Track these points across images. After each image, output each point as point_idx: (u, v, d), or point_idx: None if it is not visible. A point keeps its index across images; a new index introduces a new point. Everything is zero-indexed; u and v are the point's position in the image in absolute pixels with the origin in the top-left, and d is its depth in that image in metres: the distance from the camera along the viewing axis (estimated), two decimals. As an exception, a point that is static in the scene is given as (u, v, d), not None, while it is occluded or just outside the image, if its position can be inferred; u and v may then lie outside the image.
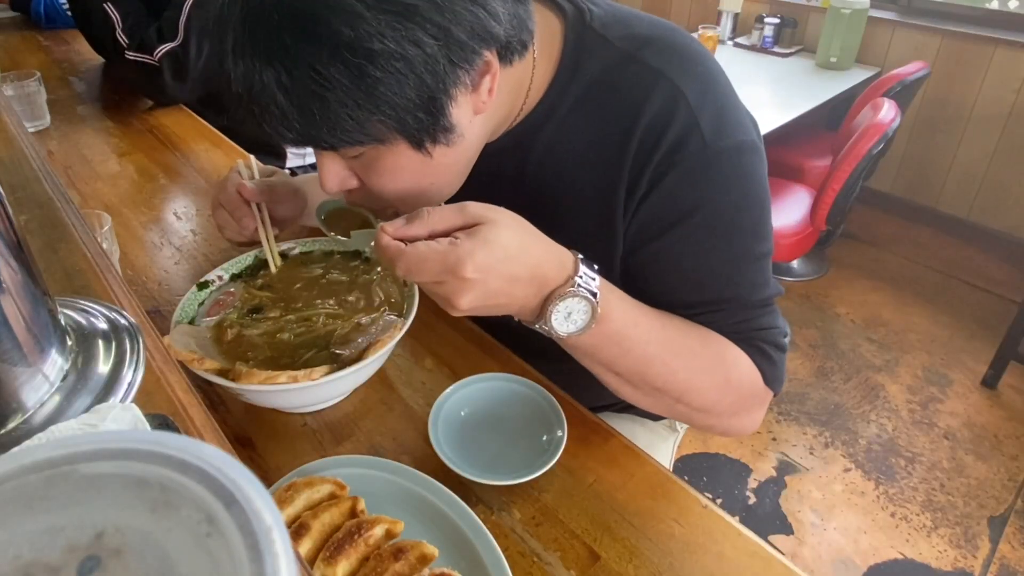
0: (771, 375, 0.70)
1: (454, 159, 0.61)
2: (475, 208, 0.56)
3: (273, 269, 0.83)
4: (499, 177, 0.72)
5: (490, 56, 0.56)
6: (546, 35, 0.67)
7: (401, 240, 0.55)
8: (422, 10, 0.50)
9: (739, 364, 0.68)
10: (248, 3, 0.51)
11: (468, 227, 0.55)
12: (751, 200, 0.66)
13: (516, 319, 0.62)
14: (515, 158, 0.71)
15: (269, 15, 0.50)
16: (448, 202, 0.80)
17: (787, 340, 0.72)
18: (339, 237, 0.71)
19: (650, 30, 0.66)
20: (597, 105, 0.66)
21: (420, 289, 0.56)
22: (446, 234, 0.55)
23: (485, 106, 0.60)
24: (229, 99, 0.55)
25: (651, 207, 0.65)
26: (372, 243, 0.68)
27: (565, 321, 0.59)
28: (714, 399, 0.68)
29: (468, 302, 0.54)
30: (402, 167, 0.59)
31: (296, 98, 0.52)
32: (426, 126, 0.56)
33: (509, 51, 0.59)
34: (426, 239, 0.55)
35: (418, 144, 0.57)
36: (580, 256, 0.59)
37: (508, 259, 0.54)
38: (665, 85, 0.63)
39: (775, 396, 0.73)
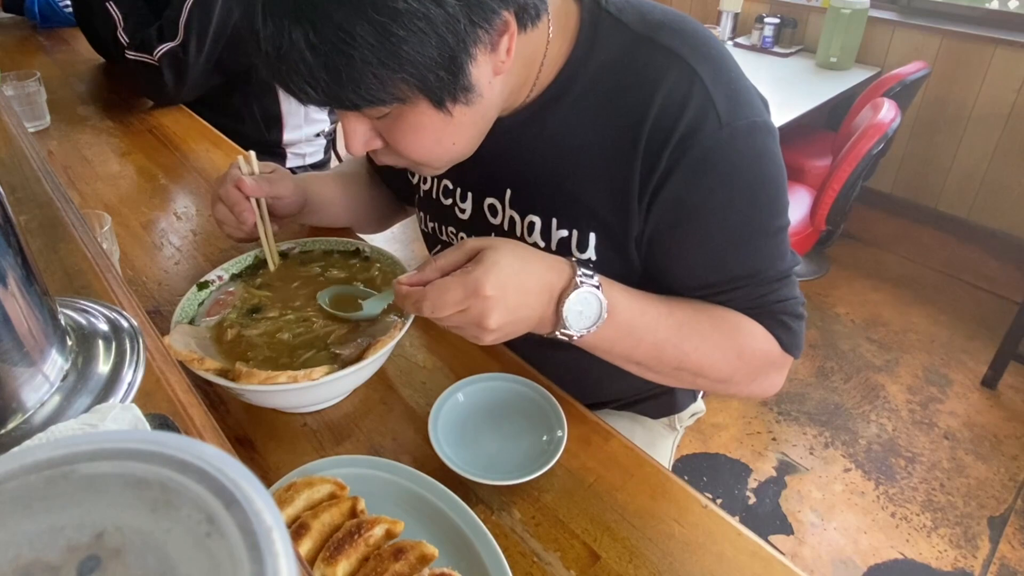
0: (789, 342, 0.73)
1: (473, 119, 0.63)
2: (471, 242, 0.61)
3: (272, 267, 0.83)
4: (514, 153, 0.74)
5: (508, 16, 0.58)
6: (562, 14, 0.68)
7: (417, 285, 0.60)
8: None
9: (752, 336, 0.71)
10: None
11: (471, 259, 0.60)
12: (768, 177, 0.67)
13: (537, 334, 0.65)
14: (528, 135, 0.72)
15: None
16: (461, 181, 0.81)
17: (804, 308, 0.75)
18: (350, 315, 0.74)
19: (663, 16, 0.68)
20: (612, 84, 0.67)
21: (447, 331, 0.61)
22: (454, 271, 0.60)
23: (504, 66, 0.61)
24: (259, 60, 0.56)
25: (673, 189, 0.66)
26: (387, 303, 0.71)
27: (580, 317, 0.62)
28: (730, 371, 0.72)
29: (495, 319, 0.58)
30: (424, 126, 0.61)
31: (323, 56, 0.53)
32: (447, 85, 0.57)
33: (526, 14, 0.60)
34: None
35: (439, 103, 0.59)
36: (574, 259, 0.64)
37: (516, 273, 0.59)
38: (680, 66, 0.64)
39: (795, 360, 0.76)
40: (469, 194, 0.81)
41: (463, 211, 0.83)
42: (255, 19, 0.54)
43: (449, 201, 0.84)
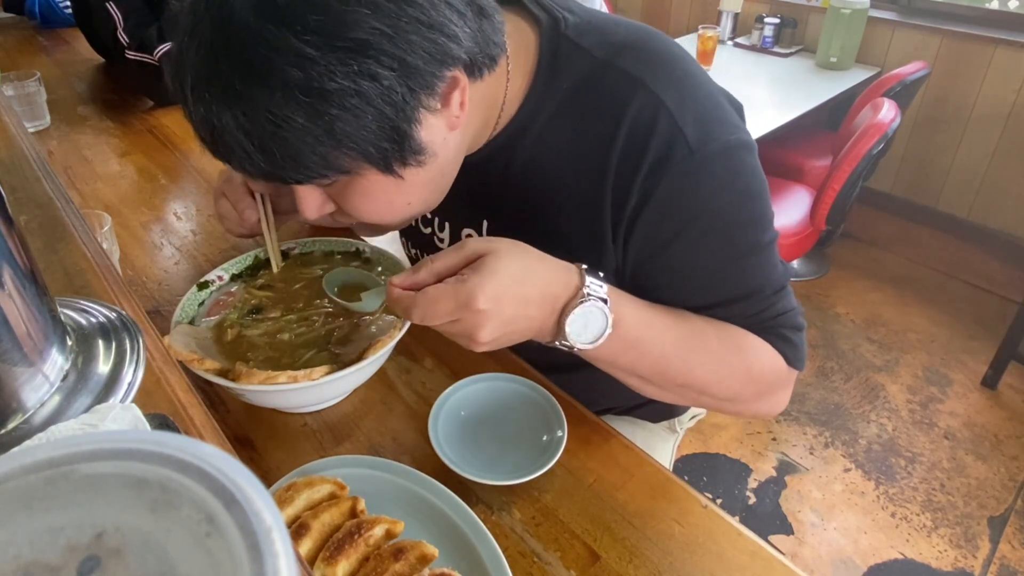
0: (793, 357, 0.71)
1: (428, 178, 0.61)
2: (473, 243, 0.57)
3: (275, 267, 0.83)
4: (482, 191, 0.72)
5: (456, 73, 0.56)
6: (520, 46, 0.66)
7: (410, 289, 0.56)
8: (374, 44, 0.49)
9: (759, 353, 0.69)
10: (199, 51, 0.51)
11: (471, 263, 0.56)
12: (747, 195, 0.65)
13: (537, 342, 0.62)
14: (496, 170, 0.71)
15: (218, 63, 0.50)
16: (439, 211, 0.80)
17: (803, 318, 0.73)
18: (347, 304, 0.73)
19: (626, 36, 0.66)
20: (576, 114, 0.65)
21: (442, 334, 0.59)
22: (452, 275, 0.56)
23: (459, 121, 0.59)
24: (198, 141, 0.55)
25: (649, 220, 0.65)
26: (383, 301, 0.70)
27: (583, 331, 0.59)
28: (737, 389, 0.69)
29: (488, 333, 0.55)
30: (374, 192, 0.59)
31: (256, 139, 0.52)
32: (392, 153, 0.55)
33: (476, 67, 0.58)
34: (434, 284, 0.56)
35: (387, 169, 0.57)
36: (584, 266, 0.60)
37: (516, 283, 0.55)
38: (644, 94, 0.62)
39: (800, 373, 0.73)
40: (447, 224, 0.81)
41: (442, 240, 0.82)
42: (185, 103, 0.52)
43: (428, 230, 0.83)
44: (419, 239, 0.86)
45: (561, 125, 0.66)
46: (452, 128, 0.59)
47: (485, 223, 0.76)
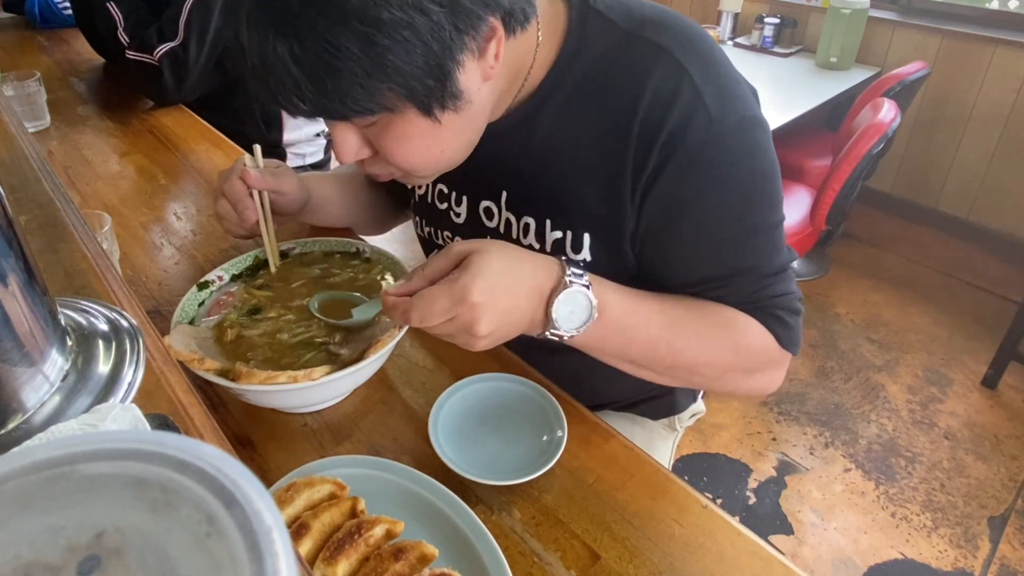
0: (787, 338, 0.72)
1: (462, 126, 0.62)
2: (458, 247, 0.60)
3: (273, 267, 0.83)
4: (504, 158, 0.73)
5: (495, 22, 0.57)
6: (551, 15, 0.68)
7: (405, 296, 0.59)
8: None
9: (748, 332, 0.70)
10: None
11: (458, 265, 0.59)
12: (760, 172, 0.67)
13: (529, 335, 0.64)
14: (519, 138, 0.72)
15: None
16: (456, 185, 0.82)
17: (801, 303, 0.74)
18: (340, 322, 0.73)
19: (652, 12, 0.68)
20: (601, 83, 0.67)
21: (439, 339, 0.61)
22: (443, 278, 0.59)
23: (493, 71, 0.60)
24: (245, 71, 0.56)
25: (664, 186, 0.66)
26: (378, 310, 0.71)
27: (569, 318, 0.62)
28: (726, 366, 0.71)
29: (485, 326, 0.57)
30: (412, 134, 0.61)
31: (308, 68, 0.53)
32: (435, 92, 0.57)
33: (512, 18, 0.60)
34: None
35: (427, 111, 0.58)
36: (563, 258, 0.63)
37: (505, 275, 0.58)
38: (668, 62, 0.64)
39: (794, 357, 0.75)
40: (464, 198, 0.81)
41: (458, 215, 0.82)
42: (240, 31, 0.53)
43: (444, 205, 0.84)
44: (434, 216, 0.86)
45: (586, 93, 0.68)
46: (486, 79, 0.61)
47: (504, 194, 0.77)
